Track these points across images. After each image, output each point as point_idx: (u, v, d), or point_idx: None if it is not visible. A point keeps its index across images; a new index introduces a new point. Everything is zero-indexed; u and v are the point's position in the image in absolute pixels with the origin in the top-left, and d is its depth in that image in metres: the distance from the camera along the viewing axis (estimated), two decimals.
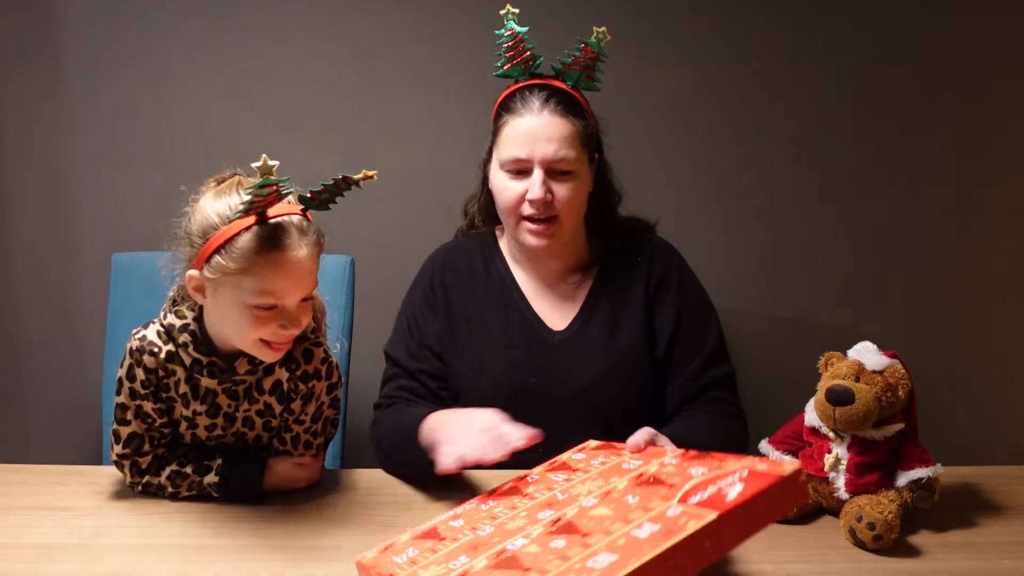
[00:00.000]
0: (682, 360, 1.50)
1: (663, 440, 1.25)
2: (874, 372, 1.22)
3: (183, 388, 1.29)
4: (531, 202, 1.42)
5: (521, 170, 1.43)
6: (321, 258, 1.24)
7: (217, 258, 1.16)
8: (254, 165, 1.13)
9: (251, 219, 1.16)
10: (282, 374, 1.30)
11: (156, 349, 1.27)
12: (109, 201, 2.05)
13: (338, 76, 2.02)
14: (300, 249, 1.18)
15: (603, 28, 1.38)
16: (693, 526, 0.89)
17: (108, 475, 1.36)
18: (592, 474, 1.16)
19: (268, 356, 1.25)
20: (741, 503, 0.92)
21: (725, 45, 2.03)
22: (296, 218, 1.19)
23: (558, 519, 1.03)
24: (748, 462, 1.03)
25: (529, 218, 1.44)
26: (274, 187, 1.13)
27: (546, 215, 1.43)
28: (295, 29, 2.00)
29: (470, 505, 1.15)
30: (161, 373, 1.28)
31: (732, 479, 0.98)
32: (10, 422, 2.12)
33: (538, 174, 1.41)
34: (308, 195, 1.22)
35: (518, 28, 1.41)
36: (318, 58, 2.01)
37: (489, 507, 1.13)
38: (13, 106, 2.01)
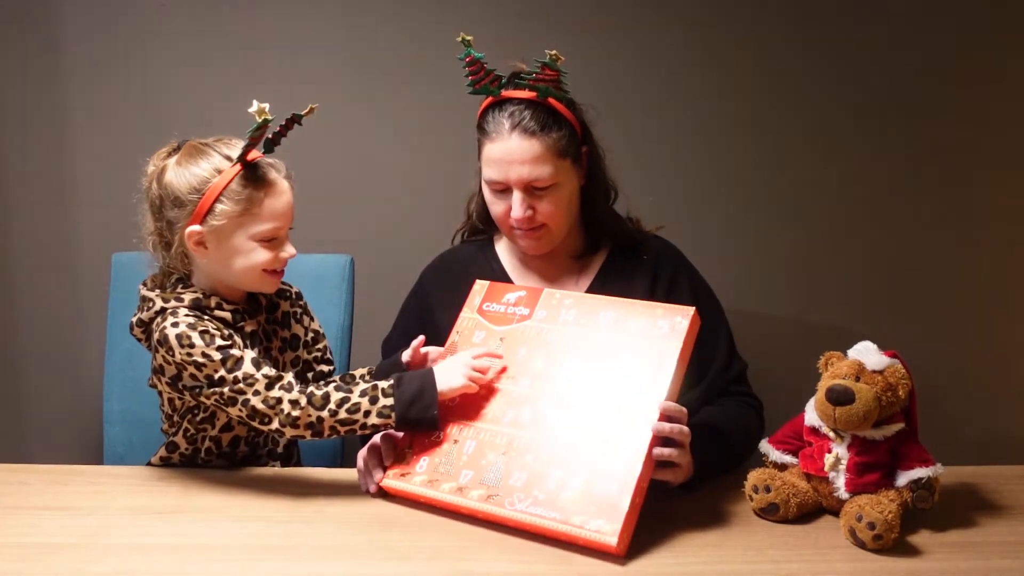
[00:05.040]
0: (704, 363, 1.51)
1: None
2: (874, 372, 1.22)
3: (237, 342, 1.33)
4: (515, 220, 1.45)
5: (503, 189, 1.45)
6: (321, 259, 1.36)
7: (219, 206, 1.30)
8: (250, 110, 1.26)
9: (238, 167, 1.31)
10: (285, 305, 1.47)
11: (200, 318, 1.32)
12: (109, 201, 2.04)
13: (338, 76, 2.02)
14: (282, 180, 1.35)
15: (554, 51, 1.38)
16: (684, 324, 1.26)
17: (108, 475, 1.36)
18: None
19: (271, 285, 1.38)
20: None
21: (728, 43, 2.03)
22: (268, 158, 1.35)
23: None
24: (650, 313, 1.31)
25: (518, 228, 1.47)
26: (266, 126, 1.28)
27: (532, 227, 1.46)
28: (294, 29, 2.01)
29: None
30: (224, 334, 1.32)
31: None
32: (10, 422, 2.12)
33: (517, 195, 1.44)
34: (269, 137, 1.35)
35: (476, 54, 1.41)
36: (318, 58, 2.01)
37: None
38: (13, 106, 2.01)
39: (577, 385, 1.28)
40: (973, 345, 2.12)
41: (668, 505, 1.28)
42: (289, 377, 1.28)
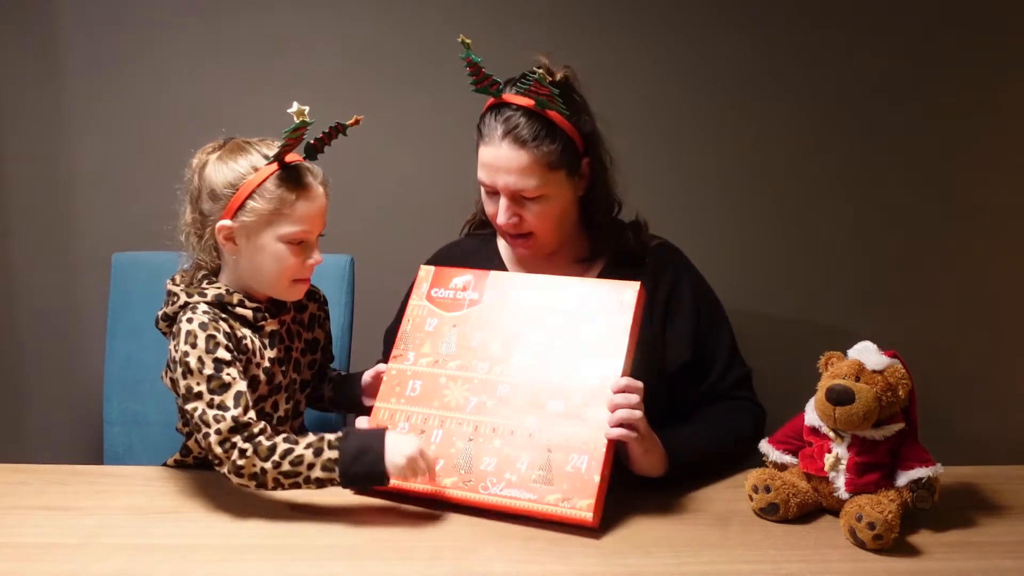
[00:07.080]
0: (702, 369, 1.50)
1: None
2: (874, 372, 1.22)
3: (254, 342, 1.35)
4: (499, 225, 1.46)
5: (492, 192, 1.46)
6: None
7: (251, 203, 1.31)
8: (290, 111, 1.27)
9: (274, 166, 1.32)
10: (313, 307, 1.49)
11: (216, 319, 1.32)
12: (109, 201, 2.05)
13: (339, 76, 2.02)
14: (318, 186, 1.36)
15: (542, 69, 1.37)
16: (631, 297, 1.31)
17: (108, 475, 1.36)
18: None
19: (297, 293, 1.40)
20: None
21: (730, 43, 2.03)
22: (306, 162, 1.37)
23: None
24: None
25: (507, 233, 1.48)
26: (304, 129, 1.30)
27: (519, 233, 1.47)
28: (295, 29, 2.01)
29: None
30: (239, 335, 1.33)
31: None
32: (10, 422, 2.12)
33: (503, 201, 1.44)
34: (311, 143, 1.38)
35: (474, 58, 1.40)
36: (319, 58, 2.01)
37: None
38: (13, 105, 2.01)
39: (535, 366, 1.31)
40: (973, 345, 2.12)
41: (668, 504, 1.28)
42: (257, 428, 1.24)
